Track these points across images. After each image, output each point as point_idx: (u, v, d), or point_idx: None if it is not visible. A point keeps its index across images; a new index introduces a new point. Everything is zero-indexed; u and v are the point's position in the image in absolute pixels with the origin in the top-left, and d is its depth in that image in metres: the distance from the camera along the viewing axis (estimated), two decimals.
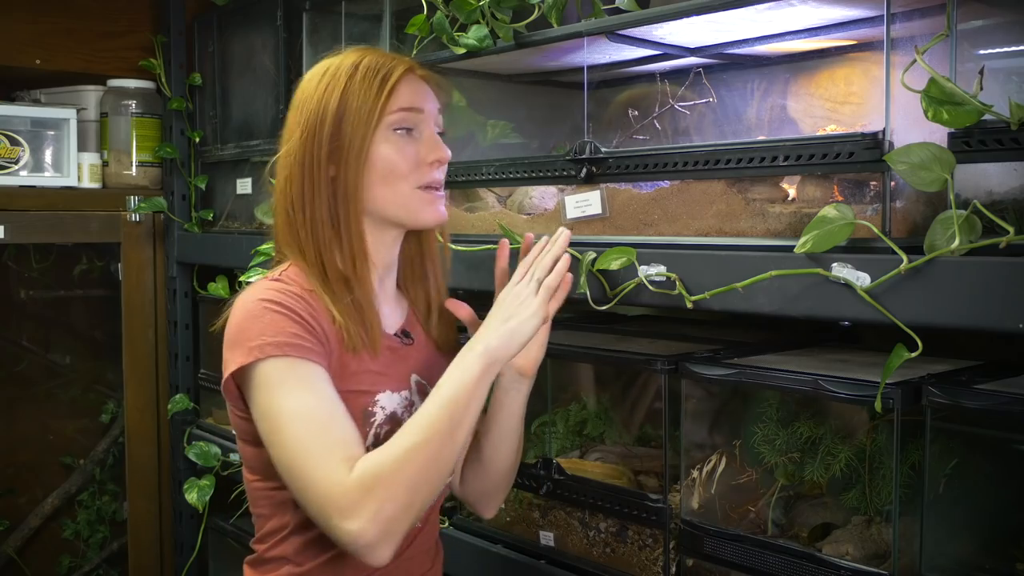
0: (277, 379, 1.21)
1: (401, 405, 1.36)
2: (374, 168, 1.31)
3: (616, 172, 1.53)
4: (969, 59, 1.18)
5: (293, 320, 1.24)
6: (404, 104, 1.32)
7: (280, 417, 1.20)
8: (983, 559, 1.33)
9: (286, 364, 1.21)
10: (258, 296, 1.27)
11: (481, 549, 1.78)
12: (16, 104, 2.77)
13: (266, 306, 1.25)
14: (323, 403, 1.21)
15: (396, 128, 1.32)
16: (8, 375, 3.11)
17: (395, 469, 1.15)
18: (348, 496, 1.14)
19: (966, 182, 1.14)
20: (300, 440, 1.18)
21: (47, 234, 2.73)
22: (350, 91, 1.30)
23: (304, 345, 1.23)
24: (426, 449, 1.17)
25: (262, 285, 1.30)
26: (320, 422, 1.19)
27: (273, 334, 1.22)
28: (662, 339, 1.75)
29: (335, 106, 1.30)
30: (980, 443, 1.32)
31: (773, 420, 1.47)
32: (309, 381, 1.21)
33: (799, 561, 1.35)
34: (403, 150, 1.32)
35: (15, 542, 3.00)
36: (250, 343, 1.23)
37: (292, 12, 2.35)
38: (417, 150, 1.33)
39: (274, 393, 1.21)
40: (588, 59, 1.65)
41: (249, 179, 2.57)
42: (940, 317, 1.10)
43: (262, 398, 1.22)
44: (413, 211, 1.34)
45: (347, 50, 1.36)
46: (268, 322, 1.23)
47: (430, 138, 1.35)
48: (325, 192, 1.31)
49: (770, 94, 1.72)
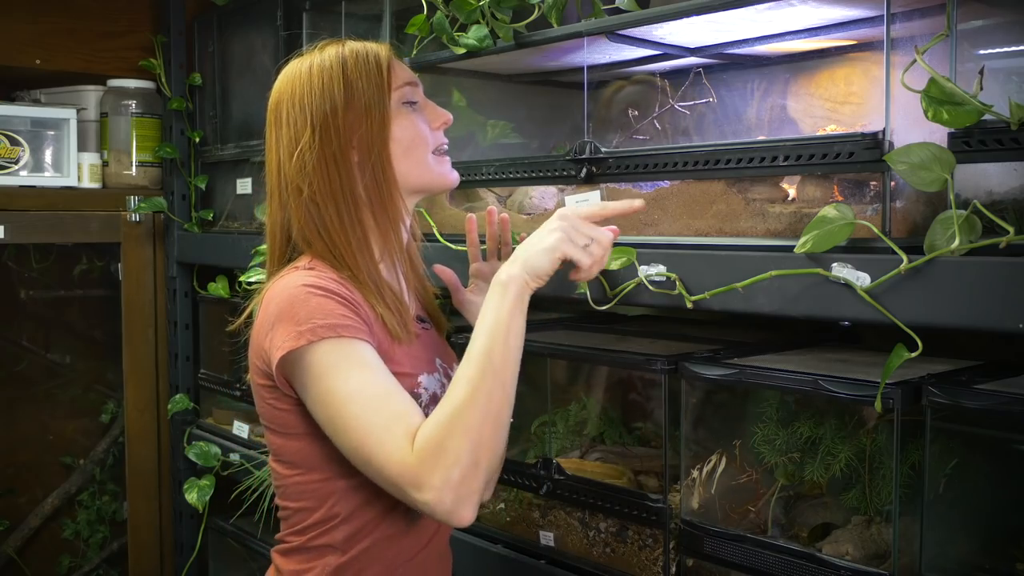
0: (332, 361, 1.21)
1: (439, 386, 1.37)
2: (398, 144, 1.35)
3: (616, 172, 1.53)
4: (969, 59, 1.18)
5: (338, 302, 1.25)
6: (405, 79, 1.37)
7: (338, 401, 1.21)
8: (983, 559, 1.33)
9: (339, 345, 1.21)
10: (299, 283, 1.26)
11: (481, 549, 1.78)
12: (16, 104, 2.77)
13: (310, 291, 1.25)
14: (377, 378, 1.22)
15: (404, 102, 1.37)
16: (8, 375, 3.11)
17: (451, 432, 1.16)
18: (415, 470, 1.15)
19: (966, 182, 1.14)
20: (361, 421, 1.19)
21: (47, 234, 2.73)
22: (351, 77, 1.33)
23: (354, 325, 1.23)
24: (476, 401, 1.17)
25: (297, 274, 1.30)
26: (378, 398, 1.20)
27: (323, 316, 1.22)
28: (662, 339, 1.75)
29: (342, 94, 1.32)
30: (980, 443, 1.32)
31: (773, 420, 1.47)
32: (362, 360, 1.22)
33: (799, 561, 1.35)
34: (416, 122, 1.37)
35: (15, 542, 3.00)
36: (299, 327, 1.22)
37: (292, 12, 2.35)
38: (424, 118, 1.39)
39: (330, 376, 1.21)
40: (588, 59, 1.65)
41: (249, 179, 2.58)
42: (940, 317, 1.10)
43: (318, 384, 1.22)
44: (437, 175, 1.39)
45: (316, 46, 1.38)
46: (315, 305, 1.23)
47: (429, 105, 1.41)
48: (354, 178, 1.33)
49: (770, 94, 1.72)
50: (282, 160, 1.35)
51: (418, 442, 1.16)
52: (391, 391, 1.21)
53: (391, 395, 1.21)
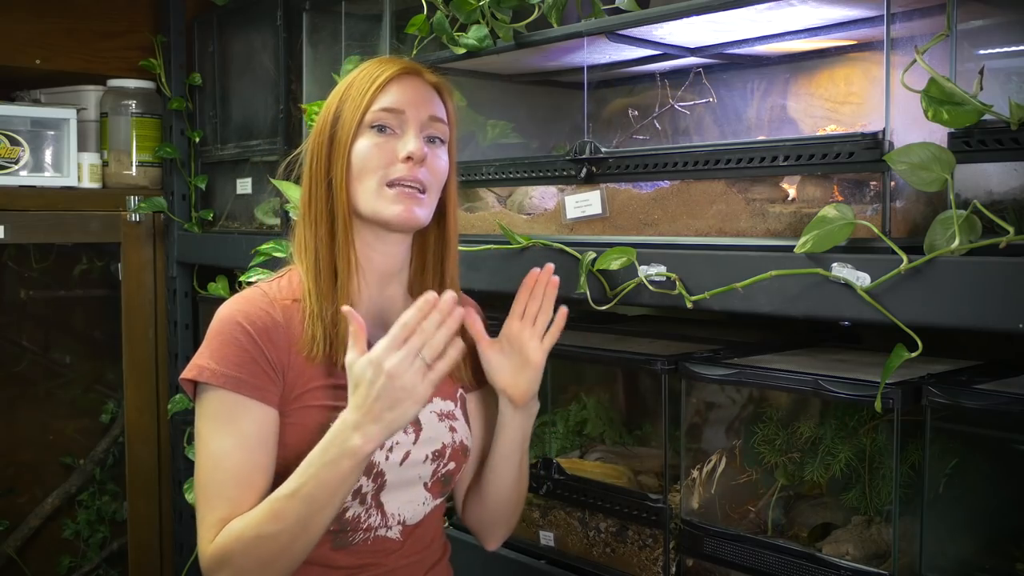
0: (210, 410, 1.25)
1: None
2: (351, 166, 1.31)
3: (616, 172, 1.53)
4: (969, 59, 1.18)
5: (245, 350, 1.24)
6: (386, 104, 1.30)
7: (200, 449, 1.25)
8: (983, 559, 1.33)
9: (221, 397, 1.23)
10: (236, 308, 1.28)
11: (481, 549, 1.78)
12: (16, 104, 2.77)
13: (230, 327, 1.26)
14: (237, 451, 1.22)
15: (372, 125, 1.31)
16: (8, 375, 3.11)
17: (244, 552, 1.18)
18: (205, 560, 1.21)
19: (966, 182, 1.14)
20: (203, 482, 1.24)
21: (47, 234, 2.73)
22: (346, 96, 1.32)
23: (248, 382, 1.23)
24: (278, 539, 1.18)
25: (249, 293, 1.31)
26: (224, 472, 1.22)
27: (220, 361, 1.24)
28: (662, 339, 1.75)
29: (333, 111, 1.33)
30: (980, 443, 1.32)
31: (773, 420, 1.47)
32: (236, 423, 1.23)
33: (799, 561, 1.35)
34: (378, 146, 1.30)
35: (15, 542, 2.99)
36: (200, 360, 1.25)
37: (292, 12, 2.35)
38: (393, 147, 1.31)
39: (204, 423, 1.25)
40: (588, 59, 1.65)
41: (249, 179, 2.57)
42: (940, 317, 1.10)
43: (197, 419, 1.27)
44: (378, 208, 1.29)
45: (358, 61, 1.38)
46: (218, 346, 1.25)
47: (409, 137, 1.31)
48: (325, 196, 1.32)
49: (770, 94, 1.72)
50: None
51: (219, 539, 1.20)
52: (241, 468, 1.22)
53: (237, 474, 1.22)
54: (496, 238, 1.67)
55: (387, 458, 1.29)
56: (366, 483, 1.28)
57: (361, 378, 1.16)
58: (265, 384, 1.24)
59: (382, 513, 1.31)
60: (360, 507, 1.29)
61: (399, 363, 1.14)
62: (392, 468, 1.30)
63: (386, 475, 1.29)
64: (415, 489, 1.33)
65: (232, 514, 1.20)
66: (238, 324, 1.26)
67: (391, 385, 1.14)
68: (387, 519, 1.31)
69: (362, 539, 1.30)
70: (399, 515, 1.32)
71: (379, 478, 1.29)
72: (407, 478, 1.32)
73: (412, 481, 1.33)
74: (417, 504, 1.34)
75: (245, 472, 1.22)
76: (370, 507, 1.29)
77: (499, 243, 1.64)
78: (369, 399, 1.15)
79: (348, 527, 1.29)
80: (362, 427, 1.15)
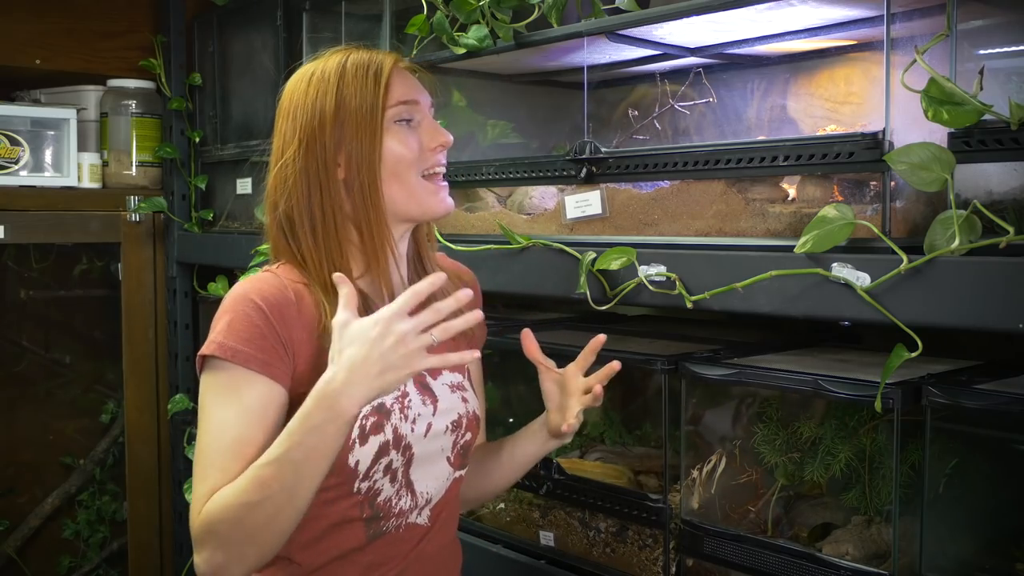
0: (214, 382, 1.24)
1: (392, 396, 1.31)
2: (385, 164, 1.29)
3: (616, 172, 1.53)
4: (969, 59, 1.18)
5: (255, 325, 1.23)
6: (401, 97, 1.31)
7: (202, 422, 1.24)
8: (983, 559, 1.33)
9: (227, 369, 1.23)
10: (249, 286, 1.27)
11: (481, 549, 1.78)
12: (16, 104, 2.77)
13: (242, 304, 1.25)
14: (237, 423, 1.21)
15: (397, 120, 1.31)
16: (8, 375, 3.11)
17: (229, 522, 1.16)
18: (194, 531, 1.19)
19: (966, 182, 1.14)
20: (202, 452, 1.22)
21: (47, 234, 2.73)
22: (344, 91, 1.29)
23: (256, 356, 1.22)
24: (264, 508, 1.15)
25: (262, 275, 1.30)
26: (221, 442, 1.21)
27: (227, 335, 1.23)
28: (662, 339, 1.75)
29: (332, 108, 1.29)
30: (980, 443, 1.32)
31: (773, 420, 1.47)
32: (239, 395, 1.22)
33: (799, 561, 1.35)
34: (406, 141, 1.30)
35: (15, 542, 2.99)
36: (212, 335, 1.25)
37: (292, 12, 2.35)
38: (419, 138, 1.32)
39: (208, 395, 1.24)
40: (588, 59, 1.65)
41: (249, 179, 2.57)
42: (940, 317, 1.10)
43: (201, 394, 1.26)
44: (422, 202, 1.31)
45: (327, 52, 1.35)
46: (229, 321, 1.24)
47: (429, 125, 1.33)
48: (339, 196, 1.30)
49: (770, 94, 1.72)
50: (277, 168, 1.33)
51: (205, 509, 1.18)
52: (239, 440, 1.20)
53: (234, 445, 1.20)
54: (496, 238, 1.67)
55: (412, 430, 1.29)
56: (396, 457, 1.28)
57: (361, 336, 1.14)
58: (273, 360, 1.23)
59: (412, 492, 1.31)
60: (391, 487, 1.28)
61: (410, 329, 1.14)
62: (418, 441, 1.30)
63: (413, 448, 1.29)
64: (440, 463, 1.34)
65: (223, 484, 1.18)
66: (251, 300, 1.25)
67: (394, 348, 1.13)
68: (416, 499, 1.32)
69: (394, 527, 1.30)
70: (427, 493, 1.33)
71: (407, 451, 1.29)
72: (431, 451, 1.32)
73: (436, 454, 1.33)
74: (442, 479, 1.35)
75: (242, 444, 1.21)
76: (400, 487, 1.29)
77: (499, 243, 1.64)
78: (368, 358, 1.13)
79: (380, 513, 1.29)
80: (348, 389, 1.13)
